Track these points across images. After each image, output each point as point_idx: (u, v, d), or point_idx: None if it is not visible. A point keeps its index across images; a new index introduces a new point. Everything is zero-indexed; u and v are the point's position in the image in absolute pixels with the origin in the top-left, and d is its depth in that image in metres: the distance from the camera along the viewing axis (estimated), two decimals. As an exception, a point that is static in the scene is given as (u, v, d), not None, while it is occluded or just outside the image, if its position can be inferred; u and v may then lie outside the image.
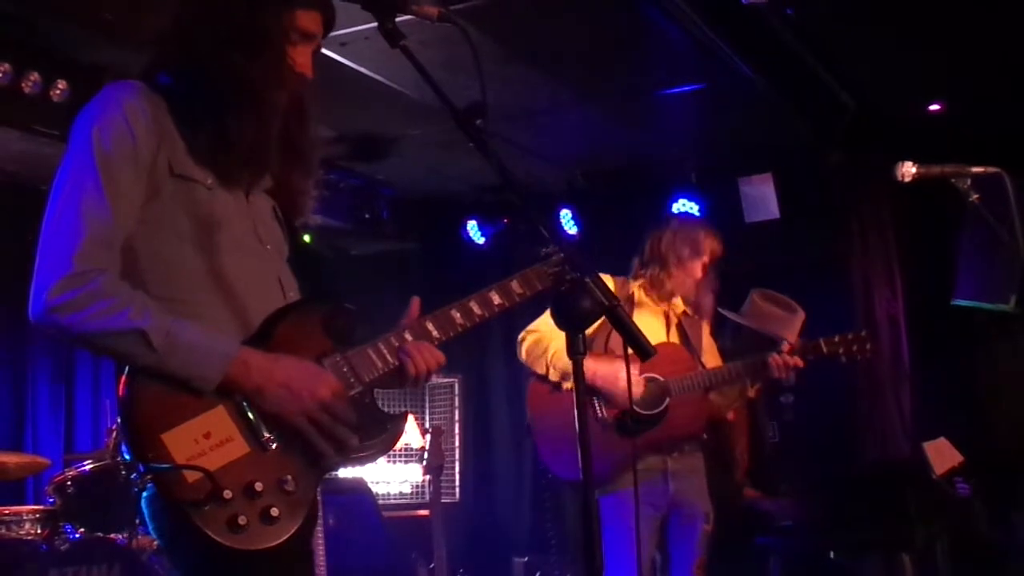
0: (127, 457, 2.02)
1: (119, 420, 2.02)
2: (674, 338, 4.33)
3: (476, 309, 2.31)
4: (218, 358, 2.02)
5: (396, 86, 5.28)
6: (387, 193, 7.12)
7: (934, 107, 5.97)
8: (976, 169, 3.22)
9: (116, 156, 2.05)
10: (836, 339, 4.26)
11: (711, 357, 4.39)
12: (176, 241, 2.12)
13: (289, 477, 2.04)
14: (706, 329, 4.47)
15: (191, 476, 1.94)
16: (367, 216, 6.96)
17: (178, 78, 2.15)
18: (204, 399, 2.01)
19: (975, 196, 3.19)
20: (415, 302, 2.31)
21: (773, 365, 4.11)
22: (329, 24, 2.28)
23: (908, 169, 3.30)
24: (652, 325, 4.26)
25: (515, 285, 2.34)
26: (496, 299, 2.33)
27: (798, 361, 4.15)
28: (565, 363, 4.02)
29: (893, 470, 5.66)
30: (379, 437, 2.21)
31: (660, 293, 4.30)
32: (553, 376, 4.16)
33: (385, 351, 2.23)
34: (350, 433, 2.12)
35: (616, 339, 3.75)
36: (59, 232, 2.02)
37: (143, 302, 2.02)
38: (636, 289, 4.34)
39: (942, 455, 5.07)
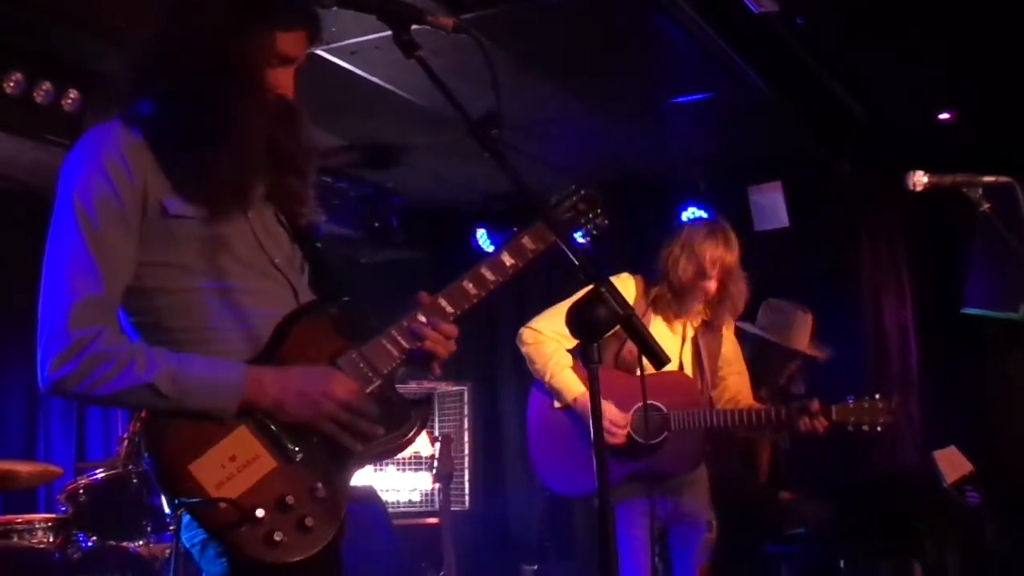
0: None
1: (145, 456, 2.05)
2: (687, 355, 4.20)
3: (489, 275, 2.28)
4: (230, 386, 2.04)
5: (406, 95, 5.30)
6: (396, 202, 7.13)
7: (944, 116, 5.97)
8: (987, 178, 3.23)
9: (102, 221, 2.05)
10: (851, 405, 3.98)
11: (730, 370, 4.28)
12: (183, 275, 2.13)
13: (319, 484, 2.06)
14: (728, 336, 4.32)
15: (223, 502, 1.96)
16: (376, 225, 6.97)
17: (156, 107, 2.11)
18: (225, 423, 2.03)
19: (986, 205, 3.20)
20: (422, 294, 2.29)
21: (802, 427, 3.93)
22: (314, 38, 2.24)
23: (920, 178, 3.31)
24: (665, 341, 4.12)
25: (527, 241, 2.30)
26: (508, 260, 2.29)
27: (821, 424, 3.93)
28: (563, 382, 4.03)
29: (903, 479, 5.65)
30: (405, 425, 2.21)
31: (669, 312, 4.17)
32: (548, 389, 4.11)
33: (400, 338, 2.22)
34: (374, 425, 2.13)
35: (631, 348, 3.71)
36: (51, 304, 2.04)
37: (144, 353, 2.04)
38: (655, 295, 4.19)
39: (952, 464, 5.05)
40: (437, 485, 5.79)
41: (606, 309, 1.85)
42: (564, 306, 3.97)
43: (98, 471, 4.61)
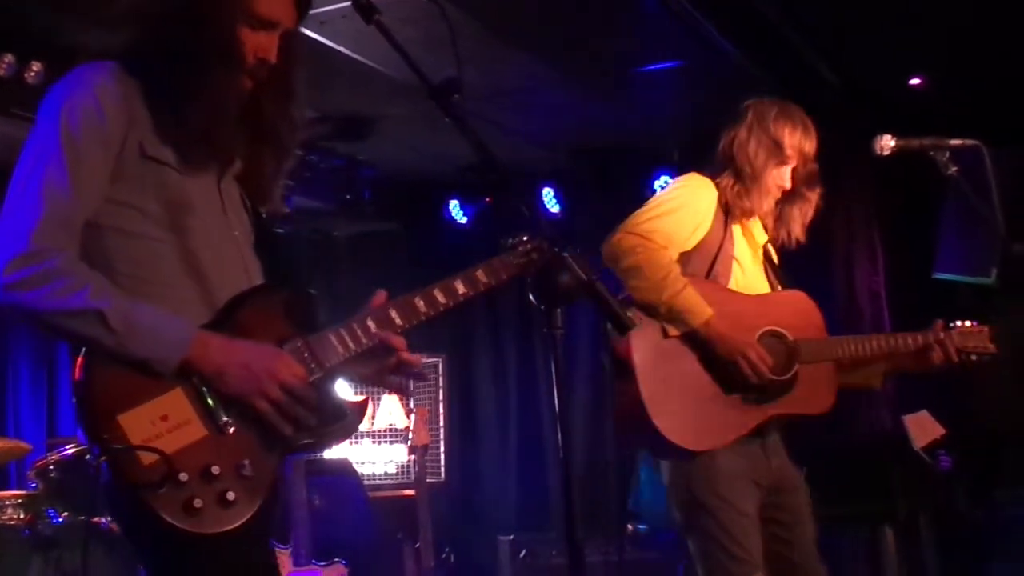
0: (83, 440, 2.01)
1: (74, 402, 2.01)
2: (763, 277, 3.47)
3: (440, 297, 2.29)
4: (176, 340, 2.01)
5: (376, 65, 5.25)
6: (368, 174, 7.09)
7: (915, 81, 5.98)
8: (954, 142, 3.21)
9: (83, 137, 2.05)
10: (969, 328, 3.53)
11: None
12: (144, 221, 2.11)
13: (247, 462, 2.03)
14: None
15: (146, 458, 1.93)
16: (348, 197, 6.93)
17: (144, 58, 2.14)
18: (162, 381, 2.00)
19: (954, 169, 3.19)
20: (380, 295, 2.29)
21: (936, 359, 3.45)
22: (304, 5, 2.25)
23: (887, 142, 3.30)
24: (747, 257, 3.44)
25: (480, 274, 2.32)
26: (461, 288, 2.31)
27: (953, 350, 3.46)
28: (687, 301, 3.15)
29: (875, 444, 5.69)
30: (338, 423, 2.21)
31: (739, 210, 3.38)
32: (664, 313, 3.17)
33: (347, 337, 2.21)
34: (310, 415, 2.12)
35: (722, 266, 3.29)
36: (18, 210, 2.02)
37: (102, 283, 2.02)
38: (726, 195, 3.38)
39: (923, 428, 5.09)
40: (412, 457, 5.80)
41: (569, 275, 1.84)
42: (670, 204, 3.27)
43: (68, 447, 4.59)
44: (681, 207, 3.29)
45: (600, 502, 6.42)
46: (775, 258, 3.50)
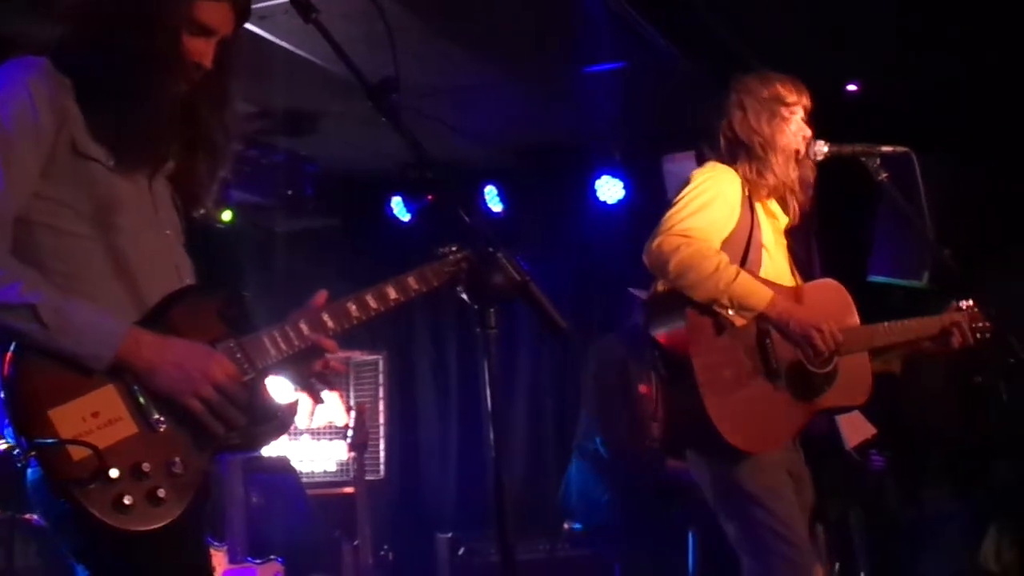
0: (9, 436, 1.99)
1: (2, 397, 1.98)
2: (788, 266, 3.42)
3: (372, 303, 2.32)
4: (109, 336, 2.01)
5: (318, 61, 5.22)
6: (311, 169, 7.04)
7: (851, 87, 6.07)
8: (885, 148, 3.29)
9: (15, 132, 2.04)
10: (975, 308, 3.45)
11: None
12: (74, 217, 2.10)
13: (177, 459, 2.03)
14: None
15: (77, 453, 1.92)
16: (290, 193, 6.88)
17: (80, 56, 2.14)
18: (94, 377, 2.00)
19: (884, 175, 3.26)
20: (321, 295, 2.32)
21: (955, 342, 3.42)
22: (241, 15, 2.27)
23: (820, 148, 3.37)
24: (771, 243, 3.39)
25: (412, 281, 2.37)
26: (392, 294, 2.35)
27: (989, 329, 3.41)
28: (747, 287, 3.09)
29: (808, 443, 5.76)
30: (269, 423, 2.22)
31: (766, 189, 3.32)
32: (724, 304, 3.08)
33: (279, 339, 2.22)
34: (241, 415, 2.12)
35: (754, 254, 3.26)
36: None
37: (34, 278, 2.01)
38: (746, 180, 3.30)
39: (855, 428, 5.16)
40: (352, 454, 5.78)
41: (502, 275, 1.85)
42: (702, 198, 3.18)
43: (1, 442, 4.50)
44: (714, 198, 3.21)
45: (539, 500, 6.48)
46: (794, 243, 3.51)
